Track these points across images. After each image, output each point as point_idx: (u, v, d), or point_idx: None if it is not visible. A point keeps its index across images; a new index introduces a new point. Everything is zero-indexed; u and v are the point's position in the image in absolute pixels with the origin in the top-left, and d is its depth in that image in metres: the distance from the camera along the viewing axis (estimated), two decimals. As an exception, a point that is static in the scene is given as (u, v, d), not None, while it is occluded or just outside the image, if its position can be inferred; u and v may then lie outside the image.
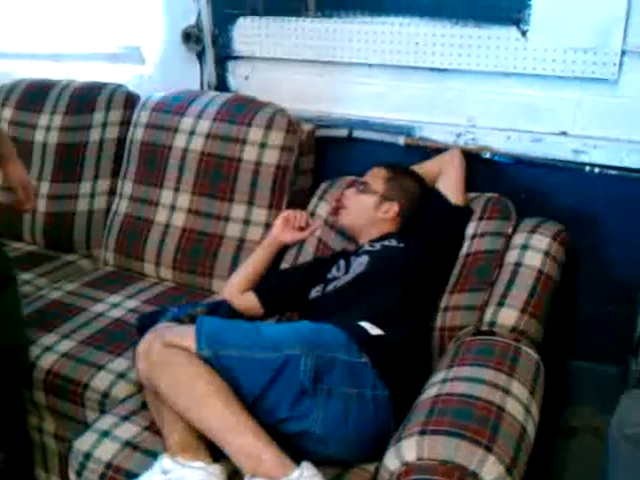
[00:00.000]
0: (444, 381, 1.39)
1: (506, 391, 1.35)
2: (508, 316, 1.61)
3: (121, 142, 2.27)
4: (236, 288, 1.86)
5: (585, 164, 1.90)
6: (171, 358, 1.37)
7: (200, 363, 1.37)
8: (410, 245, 1.80)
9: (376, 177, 1.92)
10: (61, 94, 2.33)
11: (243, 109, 2.09)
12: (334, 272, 1.83)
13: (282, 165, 2.03)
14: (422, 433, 1.24)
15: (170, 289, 2.06)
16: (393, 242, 1.82)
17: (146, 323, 1.67)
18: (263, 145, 2.03)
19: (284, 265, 1.99)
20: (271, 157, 2.02)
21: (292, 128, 2.05)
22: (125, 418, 1.52)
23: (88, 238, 2.27)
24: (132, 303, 1.96)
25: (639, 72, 1.81)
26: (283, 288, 1.88)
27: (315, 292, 1.81)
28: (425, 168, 1.98)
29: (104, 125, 2.28)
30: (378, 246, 1.82)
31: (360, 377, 1.38)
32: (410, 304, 1.65)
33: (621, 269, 1.96)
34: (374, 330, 1.49)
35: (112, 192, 2.27)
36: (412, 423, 1.29)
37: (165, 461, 1.32)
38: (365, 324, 1.50)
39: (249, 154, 2.03)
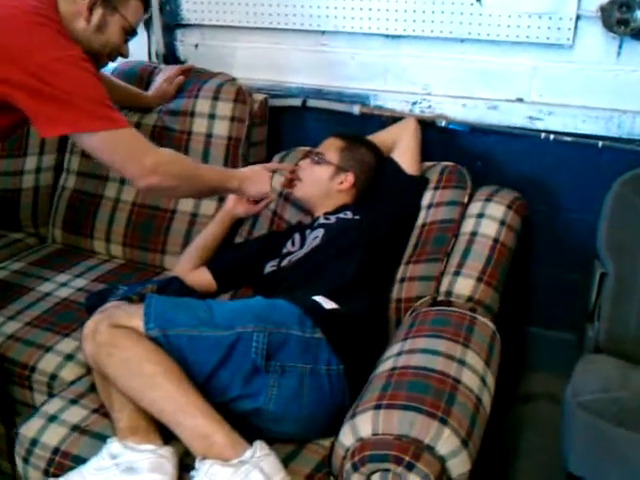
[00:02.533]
0: (399, 354, 1.38)
1: (462, 362, 1.34)
2: (464, 286, 1.61)
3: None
4: (188, 264, 1.81)
5: (541, 131, 1.89)
6: (118, 339, 1.33)
7: (148, 343, 1.32)
8: (365, 217, 1.76)
9: (330, 147, 1.88)
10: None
11: (191, 81, 2.04)
12: (289, 246, 1.80)
13: (233, 136, 1.98)
14: (377, 407, 1.23)
15: (120, 267, 2.00)
16: (348, 214, 1.78)
17: (95, 302, 1.61)
18: (212, 116, 1.98)
19: (238, 239, 1.95)
20: (221, 128, 1.97)
21: (241, 98, 1.99)
22: (73, 401, 1.47)
23: (35, 215, 2.19)
24: (81, 282, 1.90)
25: (594, 37, 1.79)
26: (237, 263, 1.84)
27: (270, 267, 1.77)
28: (380, 137, 1.95)
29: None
30: (333, 219, 1.78)
31: (314, 353, 1.35)
32: (366, 276, 1.62)
33: (576, 236, 1.97)
34: (328, 304, 1.46)
35: (59, 167, 2.18)
36: (367, 398, 1.27)
37: (114, 445, 1.28)
38: (319, 298, 1.47)
39: (199, 126, 1.98)
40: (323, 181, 1.84)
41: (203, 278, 1.79)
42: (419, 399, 1.22)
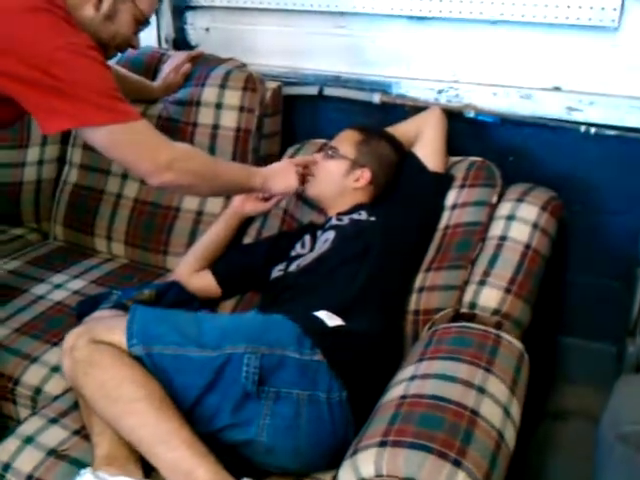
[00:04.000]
0: (412, 378, 1.22)
1: (482, 390, 1.18)
2: (490, 297, 1.46)
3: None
4: (191, 266, 1.68)
5: (580, 123, 1.71)
6: (96, 357, 1.20)
7: (130, 362, 1.20)
8: (382, 218, 1.60)
9: (346, 140, 1.72)
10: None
11: (199, 69, 1.89)
12: (298, 249, 1.66)
13: (242, 128, 1.83)
14: (382, 444, 1.07)
15: (122, 267, 1.88)
16: (363, 215, 1.63)
17: (86, 309, 1.52)
18: (218, 106, 1.83)
19: (247, 240, 1.81)
20: (228, 119, 1.83)
21: (251, 86, 1.84)
22: (53, 420, 1.35)
23: (37, 210, 2.08)
24: (77, 284, 1.78)
25: (642, 16, 1.60)
26: (243, 266, 1.70)
27: (277, 271, 1.63)
28: (401, 130, 1.78)
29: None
30: (346, 220, 1.63)
31: (313, 377, 1.20)
32: (379, 286, 1.47)
33: (618, 240, 1.79)
34: (332, 320, 1.30)
35: (62, 160, 2.06)
36: (371, 431, 1.12)
37: (86, 477, 1.15)
38: (322, 314, 1.32)
39: (205, 117, 1.84)
40: (337, 177, 1.69)
41: (206, 282, 1.67)
42: (430, 436, 1.06)
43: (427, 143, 1.71)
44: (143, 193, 1.89)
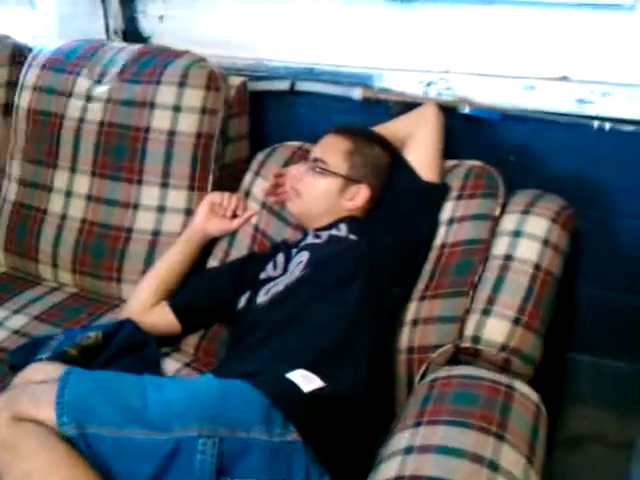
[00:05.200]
0: (408, 451, 1.01)
1: (494, 467, 0.98)
2: (497, 329, 1.28)
3: (8, 109, 1.83)
4: (144, 300, 1.47)
5: (592, 118, 1.54)
6: (20, 440, 1.01)
7: (60, 447, 1.00)
8: (365, 237, 1.40)
9: (333, 151, 1.48)
10: None
11: (151, 63, 1.66)
12: (269, 270, 1.45)
13: (203, 132, 1.62)
14: None
15: (69, 298, 1.65)
16: (342, 231, 1.42)
17: (20, 360, 1.31)
18: (176, 108, 1.61)
19: (212, 262, 1.59)
20: (188, 123, 1.61)
21: (214, 84, 1.63)
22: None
23: (-24, 232, 1.85)
24: (19, 320, 1.55)
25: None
26: (206, 297, 1.50)
27: (244, 301, 1.43)
28: (391, 129, 1.56)
29: (-14, 87, 1.85)
30: (324, 236, 1.44)
31: (287, 462, 1.00)
32: (363, 326, 1.25)
33: (634, 248, 1.64)
34: (309, 383, 1.08)
35: (1, 174, 1.83)
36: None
37: None
38: (296, 375, 1.10)
39: (159, 121, 1.62)
40: (329, 197, 1.47)
41: (163, 317, 1.46)
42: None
43: (420, 147, 1.49)
44: (90, 212, 1.67)
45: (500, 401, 1.09)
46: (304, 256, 1.40)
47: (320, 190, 1.48)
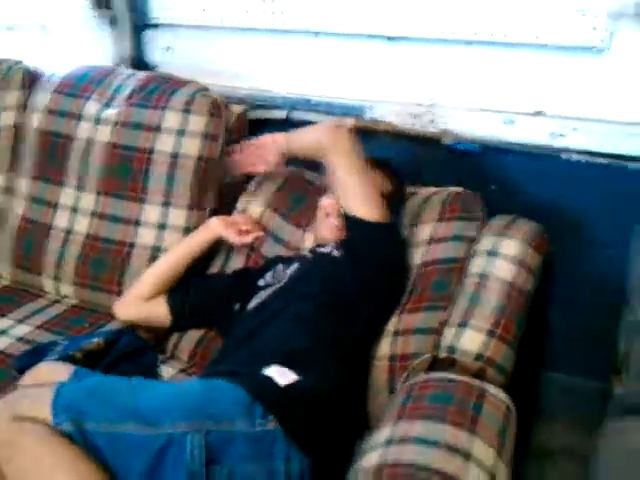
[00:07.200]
0: (388, 442, 1.08)
1: (467, 455, 1.04)
2: (472, 340, 1.35)
3: (19, 130, 1.89)
4: (144, 291, 1.57)
5: (565, 150, 1.62)
6: (20, 437, 1.05)
7: (58, 442, 1.05)
8: (346, 254, 1.46)
9: None
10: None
11: (157, 90, 1.75)
12: (268, 278, 1.54)
13: (205, 156, 1.70)
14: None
15: (70, 310, 1.71)
16: (329, 247, 1.50)
17: (26, 363, 1.37)
18: (180, 132, 1.69)
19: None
20: (190, 147, 1.69)
21: (216, 111, 1.71)
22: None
23: (-19, 246, 1.91)
24: (22, 329, 1.60)
25: (635, 39, 1.51)
26: (202, 296, 1.58)
27: (238, 306, 1.52)
28: (297, 146, 1.60)
29: (-2, 110, 1.91)
30: (317, 251, 1.52)
31: (269, 448, 1.06)
32: (339, 331, 1.34)
33: (605, 274, 1.70)
34: (285, 377, 1.16)
35: (9, 191, 1.90)
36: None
37: None
38: (273, 370, 1.18)
39: (164, 144, 1.70)
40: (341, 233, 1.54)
41: (157, 308, 1.56)
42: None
43: (343, 191, 1.49)
44: (94, 227, 1.74)
45: (473, 401, 1.15)
46: (294, 266, 1.48)
47: (337, 228, 1.53)
